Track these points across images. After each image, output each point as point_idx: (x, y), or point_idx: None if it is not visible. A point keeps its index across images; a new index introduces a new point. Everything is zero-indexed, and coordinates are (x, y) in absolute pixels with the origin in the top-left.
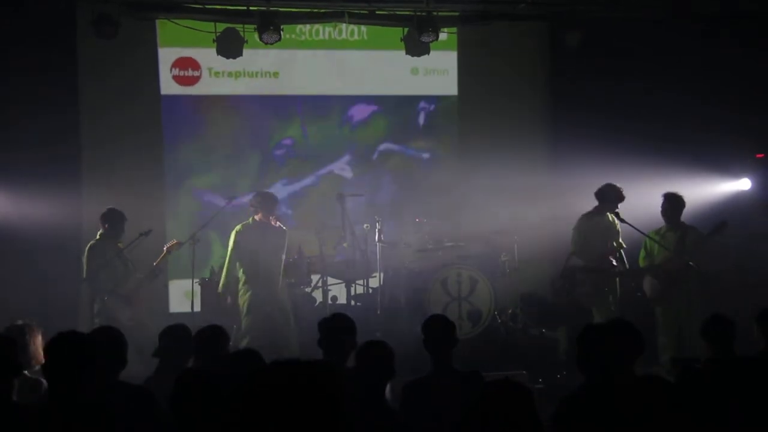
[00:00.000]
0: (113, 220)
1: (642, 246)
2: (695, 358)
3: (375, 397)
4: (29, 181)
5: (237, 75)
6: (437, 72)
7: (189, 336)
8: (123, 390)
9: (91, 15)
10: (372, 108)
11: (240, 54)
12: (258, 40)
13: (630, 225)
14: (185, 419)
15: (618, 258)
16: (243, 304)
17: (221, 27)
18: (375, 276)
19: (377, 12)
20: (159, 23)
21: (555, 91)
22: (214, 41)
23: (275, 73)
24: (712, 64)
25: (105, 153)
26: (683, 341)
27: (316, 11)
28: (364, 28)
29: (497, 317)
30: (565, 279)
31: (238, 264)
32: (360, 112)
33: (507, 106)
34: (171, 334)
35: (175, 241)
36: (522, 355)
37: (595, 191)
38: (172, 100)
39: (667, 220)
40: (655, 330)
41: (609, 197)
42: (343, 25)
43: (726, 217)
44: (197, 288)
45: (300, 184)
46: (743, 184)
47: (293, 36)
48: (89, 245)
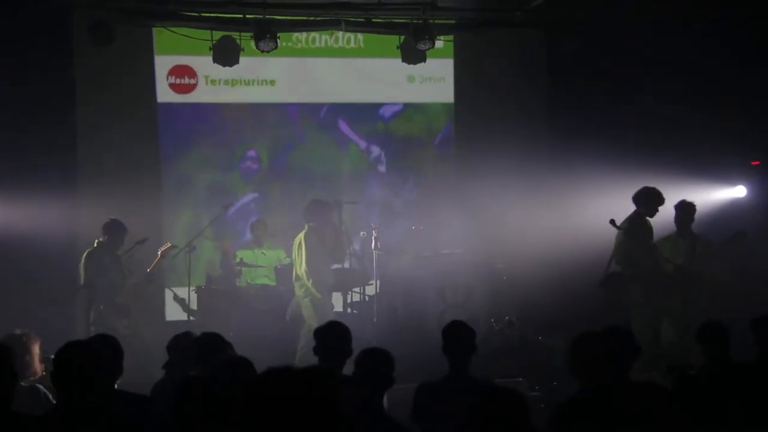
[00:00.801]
0: (115, 231)
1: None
2: (689, 365)
3: (373, 405)
4: (25, 189)
5: (234, 83)
6: (434, 79)
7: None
8: (121, 398)
9: (88, 22)
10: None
11: (237, 62)
12: (255, 48)
13: None
14: (187, 426)
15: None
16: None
17: (218, 35)
18: (371, 284)
19: (374, 20)
20: (155, 31)
21: (552, 99)
22: (210, 49)
23: (272, 81)
24: (708, 71)
25: (101, 160)
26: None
27: (312, 19)
28: (360, 35)
29: (494, 324)
30: (607, 287)
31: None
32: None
33: (503, 113)
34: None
35: (169, 245)
36: (519, 363)
37: (633, 195)
38: (168, 107)
39: (680, 227)
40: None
41: (647, 200)
42: (340, 33)
43: (744, 228)
44: (193, 296)
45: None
46: (739, 191)
47: (290, 44)
48: (87, 253)
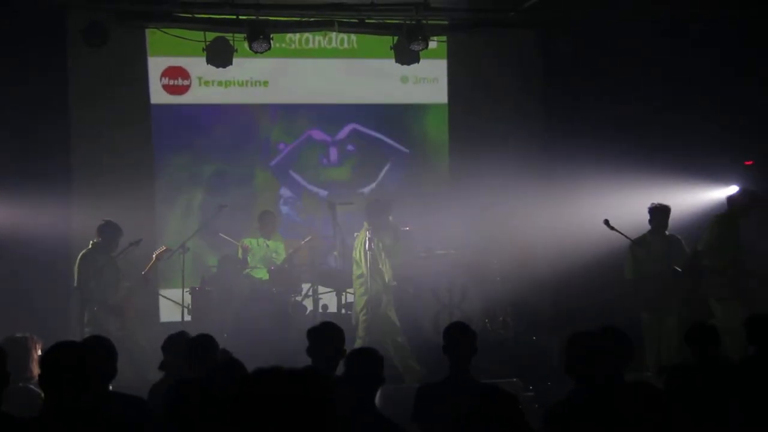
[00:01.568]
0: (109, 233)
1: (629, 255)
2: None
3: (365, 405)
4: (19, 191)
5: (227, 84)
6: (427, 80)
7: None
8: (116, 399)
9: (82, 24)
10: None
11: (230, 63)
12: (248, 49)
13: (620, 233)
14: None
15: None
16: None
17: (211, 36)
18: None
19: (367, 21)
20: (149, 32)
21: (546, 99)
22: (203, 50)
23: (265, 82)
24: (702, 72)
25: (95, 161)
26: (667, 348)
27: (305, 20)
28: (354, 36)
29: (488, 325)
30: (692, 276)
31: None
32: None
33: (498, 114)
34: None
35: (164, 248)
36: (513, 363)
37: (727, 197)
38: (161, 109)
39: (655, 229)
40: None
41: (743, 200)
42: (333, 34)
43: None
44: (188, 297)
45: (289, 191)
46: (732, 191)
47: (283, 45)
48: (81, 254)
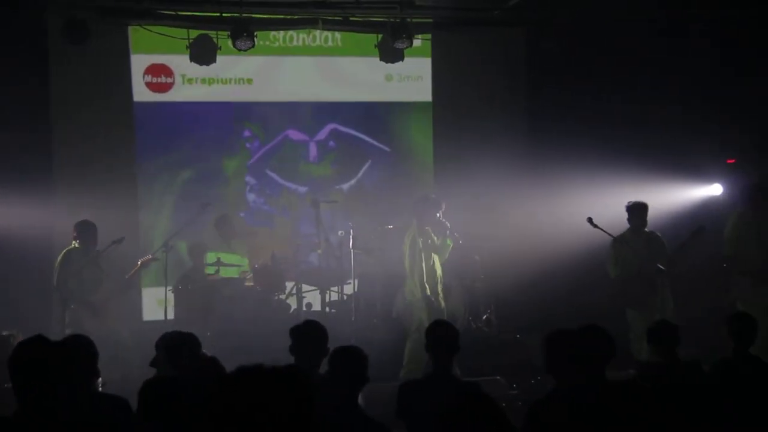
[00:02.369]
0: (85, 232)
1: (611, 253)
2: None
3: (348, 403)
4: (0, 189)
5: (210, 81)
6: (411, 78)
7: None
8: (99, 401)
9: (62, 21)
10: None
11: (214, 61)
12: (232, 46)
13: (603, 231)
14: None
15: None
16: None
17: (194, 33)
18: (350, 283)
19: (351, 18)
20: (131, 30)
21: (530, 97)
22: (187, 48)
23: (249, 80)
24: (685, 71)
25: (78, 160)
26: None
27: (289, 18)
28: (338, 34)
29: (472, 323)
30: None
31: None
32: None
33: (482, 112)
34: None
35: (150, 256)
36: (497, 361)
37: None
38: (145, 106)
39: (635, 227)
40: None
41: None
42: (317, 32)
43: (703, 223)
44: (170, 296)
45: (273, 189)
46: (715, 189)
47: (267, 42)
48: (63, 252)
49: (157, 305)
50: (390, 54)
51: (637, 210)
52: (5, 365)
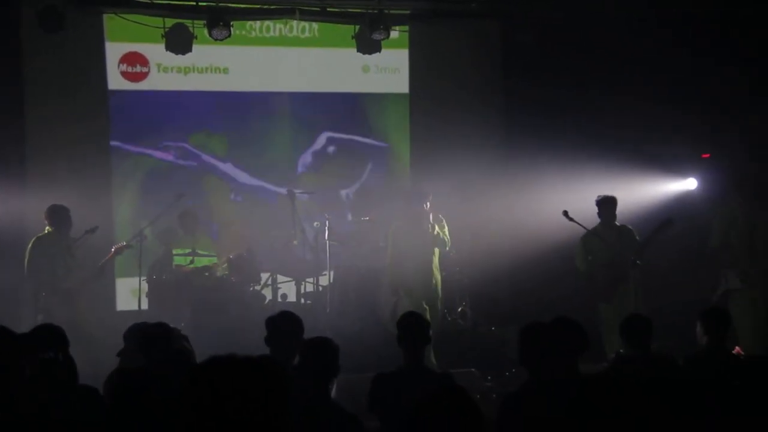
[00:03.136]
0: (57, 216)
1: (579, 248)
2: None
3: (320, 395)
4: None
5: (186, 70)
6: (389, 70)
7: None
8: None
9: (36, 8)
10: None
11: (189, 50)
12: (207, 36)
13: (579, 224)
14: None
15: None
16: None
17: (170, 22)
18: (325, 274)
19: (328, 9)
20: (106, 18)
21: (507, 90)
22: (163, 37)
23: (225, 69)
24: (659, 65)
25: (51, 148)
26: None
27: (266, 7)
28: (315, 25)
29: (447, 315)
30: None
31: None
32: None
33: (458, 104)
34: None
35: (124, 243)
36: (472, 353)
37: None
38: (120, 95)
39: (605, 221)
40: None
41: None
42: (294, 22)
43: (672, 215)
44: (144, 286)
45: (250, 180)
46: (690, 183)
47: (243, 32)
48: (34, 239)
49: (131, 295)
50: (367, 45)
51: (606, 204)
52: None
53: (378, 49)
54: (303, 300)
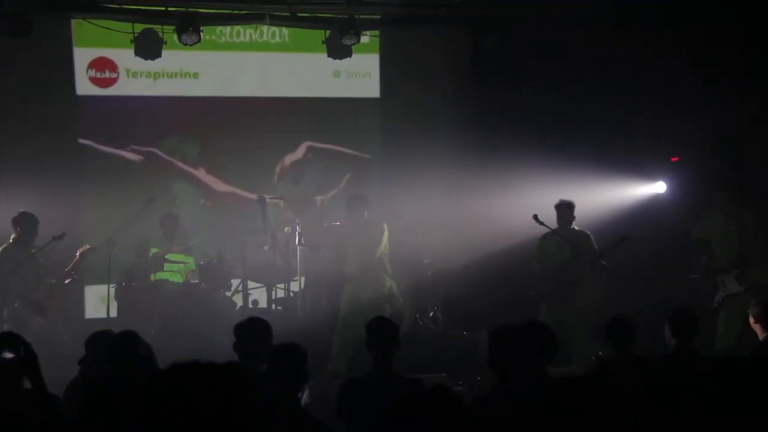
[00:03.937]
0: (25, 223)
1: (536, 248)
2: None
3: (288, 401)
4: None
5: (156, 76)
6: (359, 75)
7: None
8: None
9: (3, 12)
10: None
11: (159, 55)
12: (177, 41)
13: (549, 228)
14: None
15: None
16: None
17: (139, 28)
18: (296, 280)
19: (299, 14)
20: (75, 23)
21: (476, 94)
22: (132, 42)
23: (195, 74)
24: (627, 68)
25: (18, 154)
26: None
27: (236, 13)
28: (285, 30)
29: (418, 319)
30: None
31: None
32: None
33: (429, 108)
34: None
35: (89, 246)
36: (442, 357)
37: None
38: (88, 100)
39: (561, 225)
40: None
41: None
42: (265, 27)
43: (628, 233)
44: (113, 292)
45: (221, 186)
46: (659, 187)
47: (213, 37)
48: (0, 249)
49: (100, 302)
50: (338, 50)
51: (563, 208)
52: None
53: (348, 54)
54: (274, 306)
